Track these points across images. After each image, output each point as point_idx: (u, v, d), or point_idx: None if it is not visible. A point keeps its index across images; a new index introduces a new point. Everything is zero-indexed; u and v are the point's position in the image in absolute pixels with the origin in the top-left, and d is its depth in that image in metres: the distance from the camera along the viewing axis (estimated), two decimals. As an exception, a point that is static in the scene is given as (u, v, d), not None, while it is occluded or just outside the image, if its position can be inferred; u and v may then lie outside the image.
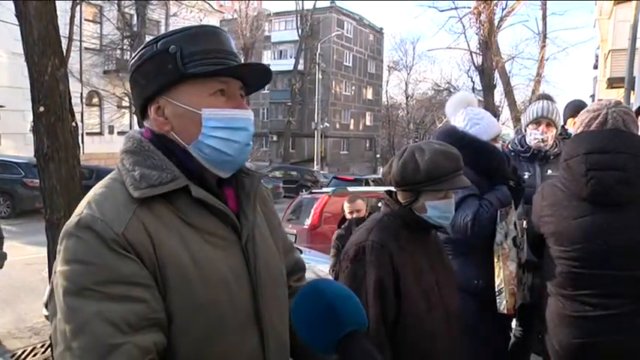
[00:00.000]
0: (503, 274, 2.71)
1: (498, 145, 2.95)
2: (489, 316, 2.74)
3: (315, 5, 45.84)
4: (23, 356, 5.45)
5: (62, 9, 5.39)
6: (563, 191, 2.31)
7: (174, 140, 1.24)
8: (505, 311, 2.71)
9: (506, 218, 2.74)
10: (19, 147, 19.04)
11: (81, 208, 1.14)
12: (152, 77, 1.23)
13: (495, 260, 2.72)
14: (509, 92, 22.62)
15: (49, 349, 5.18)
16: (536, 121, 3.38)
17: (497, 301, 2.71)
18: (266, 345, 1.25)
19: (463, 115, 2.94)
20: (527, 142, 3.44)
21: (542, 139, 3.36)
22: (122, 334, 1.02)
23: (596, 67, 25.56)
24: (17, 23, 4.54)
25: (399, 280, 1.89)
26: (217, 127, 1.22)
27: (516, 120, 20.90)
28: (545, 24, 23.28)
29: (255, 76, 1.33)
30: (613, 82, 17.57)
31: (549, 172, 3.36)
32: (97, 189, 1.19)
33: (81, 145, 5.19)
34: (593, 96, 24.72)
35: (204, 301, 1.14)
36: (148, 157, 1.21)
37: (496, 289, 2.71)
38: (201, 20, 24.87)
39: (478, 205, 2.67)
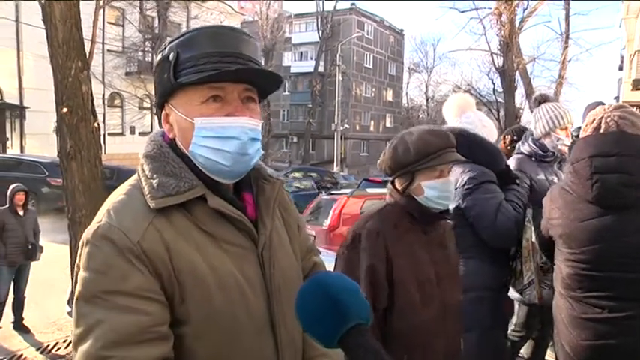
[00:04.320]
0: (532, 267, 2.77)
1: None
2: (503, 313, 2.86)
3: (335, 7, 45.87)
4: (47, 350, 5.64)
5: (86, 12, 5.51)
6: (570, 194, 2.31)
7: (180, 147, 1.25)
8: (536, 301, 2.80)
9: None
10: (44, 147, 19.32)
11: (100, 216, 1.16)
12: (158, 84, 1.26)
13: (525, 255, 2.79)
14: (530, 94, 22.33)
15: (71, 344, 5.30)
16: (565, 128, 3.30)
17: (527, 292, 2.79)
18: (280, 351, 1.26)
19: (471, 117, 3.01)
20: (550, 147, 3.32)
21: (561, 144, 3.29)
22: (118, 346, 1.04)
23: (621, 68, 25.10)
24: (43, 27, 4.66)
25: (393, 269, 1.89)
26: (208, 136, 1.18)
27: (537, 122, 20.66)
28: (568, 24, 22.91)
29: (258, 78, 1.25)
30: (638, 84, 17.26)
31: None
32: (116, 196, 1.21)
33: (103, 145, 5.28)
34: (617, 98, 24.28)
35: (221, 306, 1.16)
36: (167, 163, 1.22)
37: (525, 282, 2.79)
38: (221, 22, 25.06)
39: (513, 210, 2.73)
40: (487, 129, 2.96)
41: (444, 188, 2.02)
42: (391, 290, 1.89)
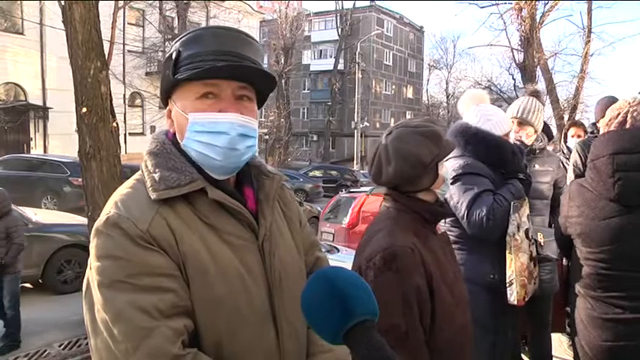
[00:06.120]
0: (514, 265, 2.72)
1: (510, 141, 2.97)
2: (504, 310, 2.76)
3: (354, 4, 45.96)
4: (69, 346, 5.75)
5: (106, 14, 5.59)
6: (590, 192, 2.26)
7: (179, 142, 1.30)
8: (515, 302, 2.73)
9: (519, 210, 2.76)
10: (66, 147, 19.64)
11: (108, 208, 1.21)
12: (162, 81, 1.32)
13: (507, 251, 2.73)
14: (551, 90, 21.92)
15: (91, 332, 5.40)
16: (511, 120, 3.25)
17: (508, 292, 2.72)
18: (281, 341, 1.28)
19: (475, 111, 2.97)
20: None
21: (515, 138, 3.24)
22: (155, 319, 1.10)
23: (645, 61, 24.62)
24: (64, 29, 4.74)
25: (432, 281, 1.77)
26: (200, 131, 1.24)
27: (559, 118, 20.38)
28: (590, 18, 22.38)
29: (252, 77, 1.29)
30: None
31: (536, 167, 3.30)
32: (122, 189, 1.27)
33: (123, 144, 5.37)
34: (641, 92, 23.82)
35: (222, 295, 1.19)
36: (169, 159, 1.27)
37: (507, 280, 2.73)
38: (239, 21, 25.21)
39: (492, 200, 2.69)
40: (492, 122, 2.89)
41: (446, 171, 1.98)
42: (432, 302, 1.77)
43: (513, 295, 2.72)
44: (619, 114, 2.26)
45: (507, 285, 2.73)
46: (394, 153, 1.86)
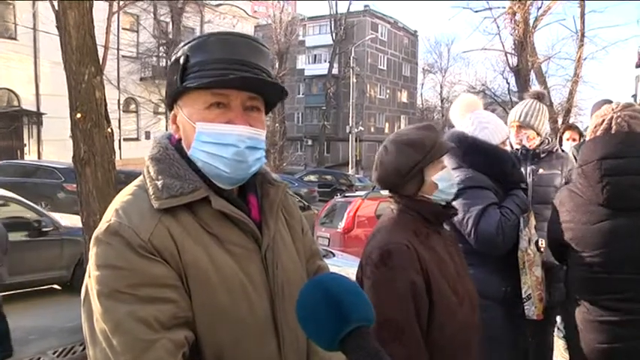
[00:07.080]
0: (530, 280, 2.67)
1: (507, 149, 2.91)
2: (516, 323, 2.71)
3: (349, 9, 45.97)
4: (64, 353, 5.69)
5: (101, 19, 5.59)
6: (580, 197, 2.28)
7: (184, 148, 1.27)
8: (535, 317, 2.68)
9: (528, 223, 2.71)
10: (61, 153, 19.55)
11: (109, 215, 1.18)
12: (168, 86, 1.29)
13: (521, 267, 2.67)
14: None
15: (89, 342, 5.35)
16: (511, 125, 3.26)
17: (526, 307, 2.67)
18: (283, 352, 1.27)
19: (471, 119, 2.87)
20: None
21: (516, 142, 3.24)
22: (155, 331, 1.08)
23: (638, 65, 24.74)
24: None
25: (430, 278, 1.81)
26: (207, 141, 1.21)
27: (553, 122, 20.43)
28: (583, 22, 22.43)
29: (262, 87, 1.26)
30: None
31: (541, 170, 3.21)
32: (123, 196, 1.23)
33: (118, 150, 5.36)
34: (635, 96, 23.90)
35: (224, 305, 1.17)
36: (171, 165, 1.24)
37: (524, 296, 2.67)
38: (234, 26, 25.24)
39: (499, 214, 2.59)
40: (488, 130, 2.81)
41: (450, 176, 2.00)
42: (430, 300, 1.81)
43: (532, 310, 2.68)
44: (603, 121, 2.27)
45: (524, 300, 2.68)
46: (378, 161, 2.00)
